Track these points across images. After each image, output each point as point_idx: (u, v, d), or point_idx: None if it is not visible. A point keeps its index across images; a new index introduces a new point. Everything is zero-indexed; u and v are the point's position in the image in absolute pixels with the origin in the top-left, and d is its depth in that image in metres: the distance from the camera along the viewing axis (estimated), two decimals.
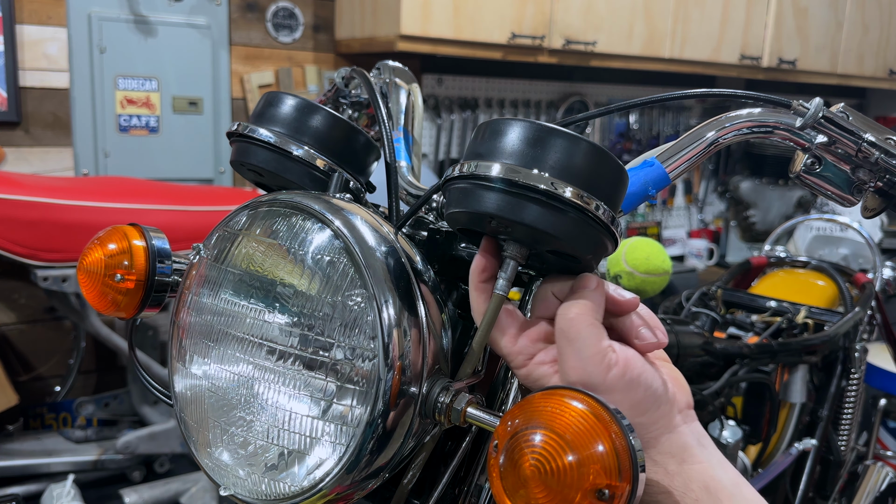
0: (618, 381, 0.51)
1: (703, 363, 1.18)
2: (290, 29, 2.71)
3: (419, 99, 0.90)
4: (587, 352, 0.51)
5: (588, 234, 0.51)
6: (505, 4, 2.57)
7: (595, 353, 0.51)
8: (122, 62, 2.44)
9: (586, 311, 0.52)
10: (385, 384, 0.52)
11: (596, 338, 0.52)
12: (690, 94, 0.65)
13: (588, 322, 0.52)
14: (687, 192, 3.93)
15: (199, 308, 0.62)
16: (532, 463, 0.43)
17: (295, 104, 0.69)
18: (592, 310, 0.52)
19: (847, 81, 3.67)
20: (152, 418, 2.35)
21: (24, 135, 2.34)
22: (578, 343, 0.51)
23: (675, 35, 2.99)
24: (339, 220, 0.56)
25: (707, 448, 0.55)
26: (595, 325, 0.52)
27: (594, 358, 0.51)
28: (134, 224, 0.71)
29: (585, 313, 0.52)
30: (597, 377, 0.51)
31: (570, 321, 0.52)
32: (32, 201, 1.93)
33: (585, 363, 0.51)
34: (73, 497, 2.04)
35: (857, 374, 1.55)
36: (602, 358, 0.51)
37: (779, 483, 1.43)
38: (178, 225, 2.09)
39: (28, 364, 2.46)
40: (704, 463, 0.54)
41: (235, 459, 0.59)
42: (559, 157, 0.50)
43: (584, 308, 0.52)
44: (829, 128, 0.60)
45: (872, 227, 3.03)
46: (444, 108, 3.08)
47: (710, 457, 0.55)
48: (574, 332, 0.52)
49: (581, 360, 0.51)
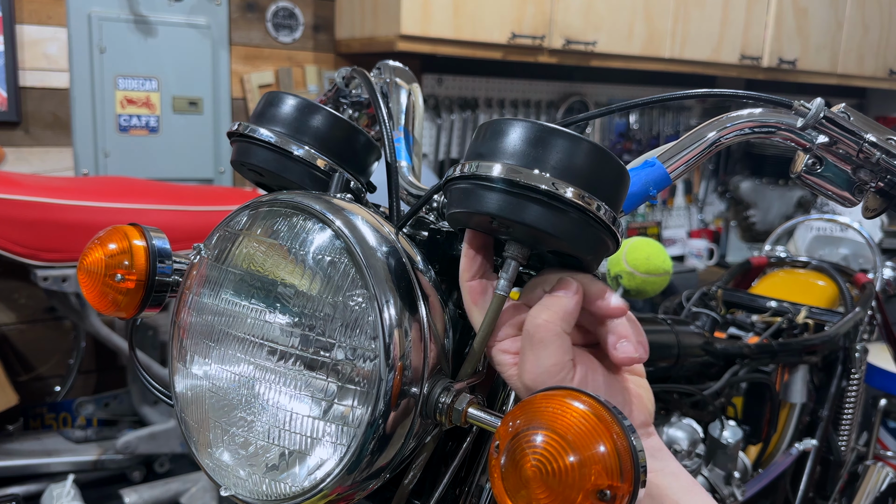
0: None
1: (703, 363, 1.18)
2: (290, 29, 2.70)
3: (419, 99, 0.90)
4: (547, 361, 0.51)
5: (589, 235, 0.51)
6: (505, 4, 2.57)
7: (554, 364, 0.51)
8: (122, 62, 2.44)
9: (555, 319, 0.52)
10: (386, 384, 0.52)
11: (559, 348, 0.51)
12: (691, 95, 0.65)
13: (555, 331, 0.51)
14: (687, 192, 3.92)
15: (200, 308, 0.62)
16: (533, 463, 0.43)
17: (295, 104, 0.69)
18: (562, 318, 0.52)
19: (847, 81, 3.67)
20: (152, 418, 2.35)
21: (24, 135, 2.34)
22: (540, 350, 0.51)
23: (675, 35, 2.99)
24: (339, 221, 0.56)
25: (661, 460, 0.56)
26: (560, 336, 0.52)
27: (552, 368, 0.51)
28: (134, 224, 0.71)
29: (554, 321, 0.52)
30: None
31: (538, 326, 0.52)
32: (32, 201, 1.93)
33: (542, 371, 0.51)
34: (73, 497, 2.04)
35: (857, 374, 1.55)
36: (559, 370, 0.51)
37: (779, 483, 1.43)
38: (178, 225, 2.08)
39: (28, 364, 2.46)
40: (652, 472, 0.55)
41: (236, 460, 0.59)
42: (560, 158, 0.50)
43: (554, 316, 0.52)
44: (831, 128, 0.60)
45: (872, 227, 3.03)
46: (445, 108, 3.08)
47: (664, 467, 0.56)
48: (538, 338, 0.51)
49: (538, 366, 0.51)
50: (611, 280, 1.24)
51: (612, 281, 1.24)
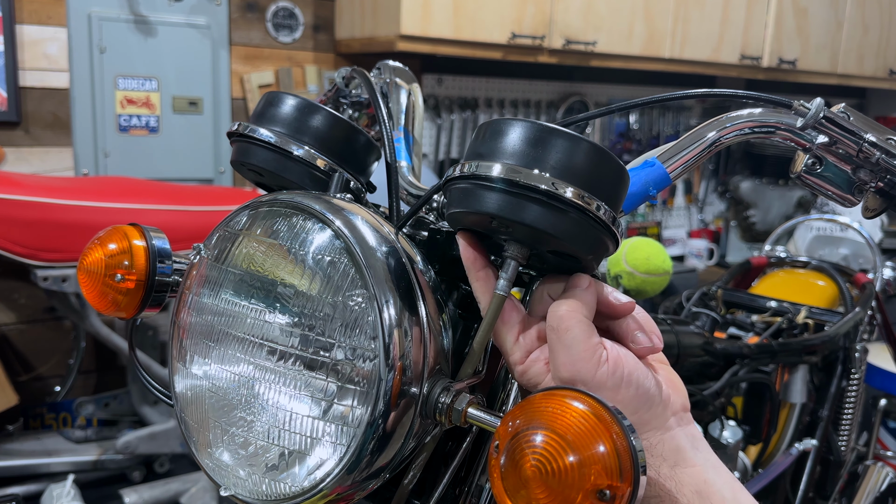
0: (608, 377, 0.51)
1: (703, 363, 1.18)
2: (290, 29, 2.70)
3: (419, 99, 0.90)
4: (577, 348, 0.51)
5: (589, 235, 0.51)
6: (505, 4, 2.57)
7: (585, 350, 0.51)
8: (122, 62, 2.44)
9: (576, 308, 0.52)
10: (386, 384, 0.52)
11: (585, 334, 0.52)
12: (691, 95, 0.65)
13: (577, 319, 0.52)
14: (687, 192, 3.92)
15: (200, 308, 0.62)
16: (533, 463, 0.43)
17: (295, 104, 0.69)
18: (582, 307, 0.53)
19: (847, 81, 3.67)
20: (152, 418, 2.35)
21: (24, 135, 2.34)
22: (568, 339, 0.51)
23: (675, 35, 2.99)
24: (339, 221, 0.56)
25: (702, 451, 0.55)
26: (584, 322, 0.52)
27: (584, 354, 0.51)
28: (134, 224, 0.71)
29: (575, 310, 0.52)
30: (586, 373, 0.51)
31: (560, 318, 0.52)
32: (32, 201, 1.93)
33: (575, 359, 0.51)
34: (73, 497, 2.04)
35: (857, 374, 1.55)
36: (592, 354, 0.51)
37: (779, 483, 1.43)
38: (178, 225, 2.08)
39: (28, 364, 2.46)
40: (698, 466, 0.53)
41: (236, 460, 0.59)
42: (560, 158, 0.50)
43: (573, 305, 0.52)
44: (830, 128, 0.60)
45: (872, 227, 3.03)
46: (444, 108, 3.08)
47: (705, 460, 0.54)
48: (564, 328, 0.52)
49: (571, 355, 0.51)
50: (611, 280, 1.24)
51: (612, 281, 1.24)
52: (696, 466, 0.53)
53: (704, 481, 0.53)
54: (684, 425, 0.55)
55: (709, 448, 0.56)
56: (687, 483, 0.52)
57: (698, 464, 0.54)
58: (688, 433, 0.55)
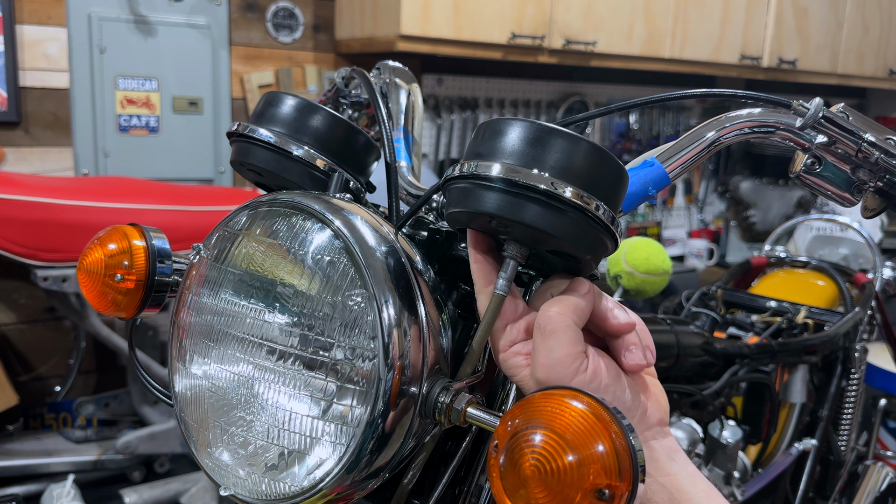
0: (583, 387, 0.50)
1: (703, 363, 1.18)
2: (290, 29, 2.71)
3: (419, 99, 0.90)
4: (558, 352, 0.51)
5: (588, 234, 0.51)
6: (505, 4, 2.57)
7: (566, 355, 0.51)
8: (122, 62, 2.44)
9: (566, 312, 0.52)
10: (385, 384, 0.52)
11: (570, 339, 0.52)
12: (690, 94, 0.65)
13: (565, 323, 0.52)
14: (687, 192, 3.92)
15: (200, 308, 0.62)
16: (532, 463, 0.43)
17: (295, 104, 0.69)
18: (573, 312, 0.52)
19: (847, 81, 3.67)
20: (152, 418, 2.35)
21: (24, 135, 2.34)
22: (552, 341, 0.51)
23: (675, 35, 2.99)
24: (339, 220, 0.56)
25: (678, 462, 0.56)
26: (572, 327, 0.52)
27: (564, 359, 0.51)
28: (134, 224, 0.71)
29: (565, 314, 0.52)
30: (564, 379, 0.51)
31: (549, 318, 0.52)
32: (32, 201, 1.93)
33: (554, 362, 0.51)
34: (73, 497, 2.04)
35: (857, 374, 1.55)
36: (572, 361, 0.51)
37: (779, 483, 1.43)
38: (178, 225, 2.09)
39: (28, 364, 2.46)
40: (672, 475, 0.54)
41: (235, 459, 0.59)
42: (559, 157, 0.50)
43: (565, 309, 0.52)
44: (829, 128, 0.60)
45: (872, 227, 3.03)
46: (444, 108, 3.08)
47: (681, 470, 0.55)
48: (550, 329, 0.52)
49: (550, 358, 0.51)
50: (610, 280, 1.24)
51: (612, 281, 1.24)
52: (670, 475, 0.54)
53: (678, 489, 0.54)
54: (661, 438, 0.56)
55: (687, 460, 0.56)
56: (658, 491, 0.53)
57: (673, 473, 0.55)
58: (664, 446, 0.56)
